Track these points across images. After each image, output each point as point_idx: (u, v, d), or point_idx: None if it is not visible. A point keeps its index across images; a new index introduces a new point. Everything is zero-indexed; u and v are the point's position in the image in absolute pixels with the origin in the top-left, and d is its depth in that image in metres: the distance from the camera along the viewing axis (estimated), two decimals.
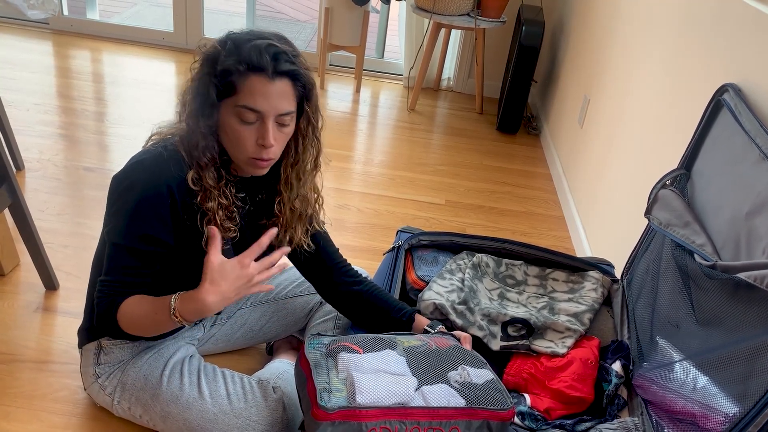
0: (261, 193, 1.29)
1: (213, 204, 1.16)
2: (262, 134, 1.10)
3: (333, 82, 3.67)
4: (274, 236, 1.15)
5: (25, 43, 3.50)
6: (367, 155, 2.88)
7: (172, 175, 1.12)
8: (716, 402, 1.03)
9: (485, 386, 1.06)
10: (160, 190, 1.11)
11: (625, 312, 1.48)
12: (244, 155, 1.13)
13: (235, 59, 1.06)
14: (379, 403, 0.98)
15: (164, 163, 1.12)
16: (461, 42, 3.68)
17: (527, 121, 3.43)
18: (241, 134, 1.10)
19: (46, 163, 2.37)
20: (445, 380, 1.05)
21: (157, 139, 1.18)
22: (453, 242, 1.65)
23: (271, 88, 1.08)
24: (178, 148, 1.14)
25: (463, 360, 1.12)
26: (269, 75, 1.07)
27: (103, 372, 1.31)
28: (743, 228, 1.11)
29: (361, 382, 1.00)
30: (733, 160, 1.22)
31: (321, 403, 0.98)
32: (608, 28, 2.41)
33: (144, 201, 1.10)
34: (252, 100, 1.07)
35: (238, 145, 1.12)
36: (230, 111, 1.10)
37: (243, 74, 1.07)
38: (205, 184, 1.14)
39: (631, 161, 1.92)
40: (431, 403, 1.00)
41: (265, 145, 1.11)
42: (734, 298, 1.07)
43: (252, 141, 1.11)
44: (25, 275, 1.78)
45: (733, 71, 1.36)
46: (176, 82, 3.33)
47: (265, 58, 1.07)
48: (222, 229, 1.17)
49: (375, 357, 1.07)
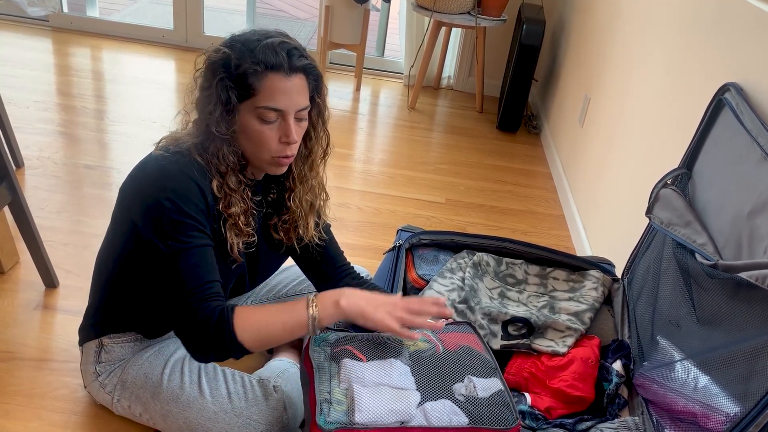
0: (272, 192, 1.30)
1: (236, 209, 1.16)
2: (285, 132, 1.11)
3: (333, 81, 3.66)
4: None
5: (25, 41, 3.50)
6: (367, 154, 2.87)
7: (199, 180, 1.11)
8: (717, 402, 1.03)
9: (491, 401, 1.03)
10: (194, 189, 1.09)
11: (625, 311, 1.48)
12: (267, 155, 1.13)
13: (251, 60, 1.06)
14: (378, 423, 0.96)
15: (188, 168, 1.10)
16: (462, 40, 3.68)
17: (527, 120, 3.42)
18: (264, 134, 1.10)
19: (46, 160, 2.37)
20: (450, 394, 1.03)
21: (166, 144, 1.16)
22: (454, 241, 1.65)
23: (289, 84, 1.08)
24: (193, 154, 1.13)
25: (471, 368, 1.09)
26: (286, 72, 1.08)
27: (104, 370, 1.31)
28: (745, 228, 1.11)
29: (362, 398, 0.98)
30: (735, 159, 1.22)
31: (319, 420, 0.96)
32: (609, 27, 2.41)
33: (179, 200, 1.08)
34: (272, 100, 1.08)
35: (262, 145, 1.12)
36: (250, 113, 1.10)
37: (261, 74, 1.07)
38: (227, 191, 1.14)
39: (632, 160, 1.92)
40: (432, 422, 0.98)
41: (289, 142, 1.12)
42: (735, 297, 1.07)
43: (275, 140, 1.12)
44: (25, 273, 1.78)
45: (734, 70, 1.36)
46: (176, 79, 3.32)
47: (281, 56, 1.07)
48: (243, 234, 1.18)
49: (378, 367, 1.05)
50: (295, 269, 1.56)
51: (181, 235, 1.08)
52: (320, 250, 1.36)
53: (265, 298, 1.52)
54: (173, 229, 1.07)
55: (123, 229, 1.18)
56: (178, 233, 1.07)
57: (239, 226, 1.17)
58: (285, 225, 1.31)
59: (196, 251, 1.09)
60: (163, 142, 1.17)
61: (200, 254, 1.09)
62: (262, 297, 1.52)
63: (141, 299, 1.25)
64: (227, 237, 1.16)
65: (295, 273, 1.55)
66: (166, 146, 1.15)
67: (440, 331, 1.19)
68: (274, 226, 1.31)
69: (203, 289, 1.08)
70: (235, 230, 1.17)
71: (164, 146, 1.15)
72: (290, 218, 1.30)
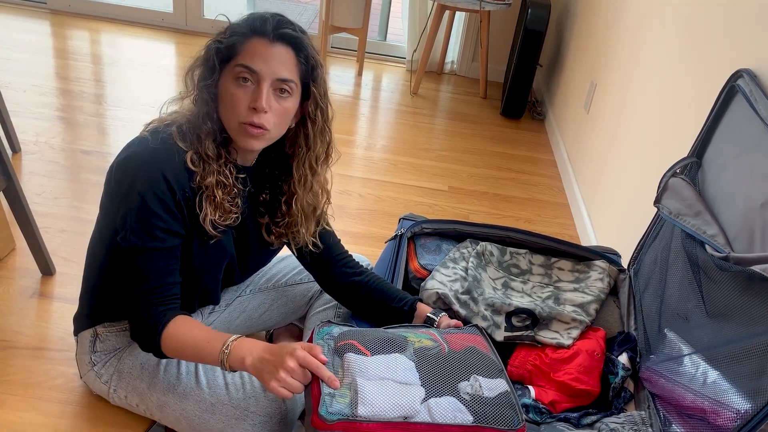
0: (265, 192, 1.27)
1: (212, 180, 1.12)
2: (255, 97, 1.08)
3: (335, 65, 3.62)
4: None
5: (22, 23, 3.45)
6: (369, 140, 2.84)
7: (167, 164, 1.09)
8: (727, 398, 1.01)
9: (497, 401, 1.00)
10: (160, 185, 1.08)
11: (632, 303, 1.45)
12: (236, 121, 1.10)
13: (239, 26, 1.10)
14: (381, 417, 0.94)
15: (157, 153, 1.09)
16: (465, 25, 3.62)
17: (532, 106, 3.38)
18: (235, 96, 1.08)
19: (43, 145, 2.33)
20: (455, 392, 1.01)
21: (154, 127, 1.14)
22: (457, 230, 1.62)
23: (270, 50, 1.08)
24: (173, 134, 1.11)
25: (476, 368, 1.06)
26: (270, 38, 1.08)
27: (99, 360, 1.28)
28: (758, 219, 1.08)
29: (365, 391, 0.96)
30: (748, 148, 1.18)
31: (321, 411, 0.94)
32: (616, 12, 2.36)
33: (148, 198, 1.08)
34: (250, 60, 1.07)
35: (232, 109, 1.09)
36: (229, 74, 1.09)
37: (245, 36, 1.08)
38: (204, 158, 1.12)
39: (640, 148, 1.88)
40: (437, 418, 0.95)
41: (256, 108, 1.08)
42: (747, 291, 1.04)
43: (245, 104, 1.09)
44: (21, 260, 1.75)
45: (748, 56, 1.32)
46: (175, 63, 3.28)
47: (268, 23, 1.09)
48: (222, 209, 1.15)
49: (382, 361, 1.02)
50: (293, 258, 1.53)
51: (142, 231, 1.09)
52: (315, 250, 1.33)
53: (265, 288, 1.50)
54: (136, 223, 1.09)
55: (109, 217, 1.16)
56: (140, 229, 1.09)
57: (216, 201, 1.14)
58: (279, 228, 1.28)
59: (151, 252, 1.10)
60: (152, 124, 1.15)
61: (155, 255, 1.11)
62: (261, 286, 1.50)
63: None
64: (204, 209, 1.13)
65: (294, 262, 1.53)
66: (154, 128, 1.13)
67: (445, 332, 1.17)
68: (266, 226, 1.28)
69: (153, 292, 1.11)
70: (211, 203, 1.14)
71: (152, 129, 1.13)
72: (286, 222, 1.26)
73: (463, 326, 1.25)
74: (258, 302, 1.49)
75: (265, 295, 1.49)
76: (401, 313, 1.30)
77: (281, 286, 1.50)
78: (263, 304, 1.49)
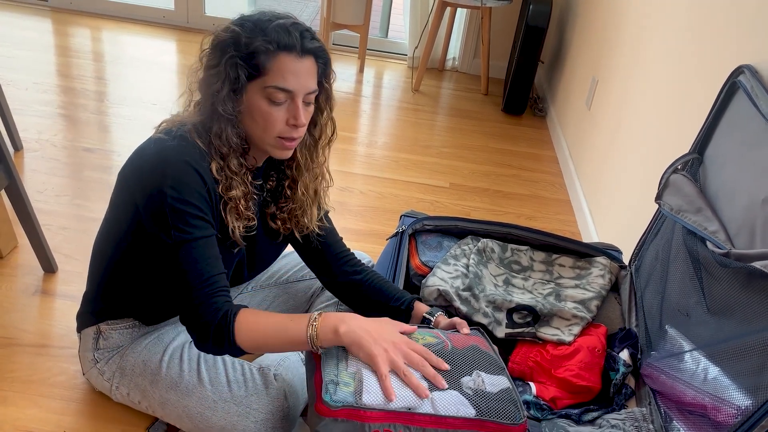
0: (271, 180, 1.27)
1: (236, 193, 1.13)
2: (293, 114, 1.09)
3: (336, 62, 3.61)
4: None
5: (24, 21, 3.45)
6: (370, 137, 2.84)
7: (191, 157, 1.08)
8: (728, 394, 1.01)
9: (499, 396, 1.01)
10: (195, 177, 1.07)
11: (633, 299, 1.45)
12: (271, 137, 1.11)
13: (263, 39, 1.04)
14: (385, 406, 0.95)
15: (187, 154, 1.07)
16: (467, 21, 3.62)
17: (533, 103, 3.37)
18: (271, 115, 1.08)
19: (45, 143, 2.34)
20: (458, 386, 1.01)
21: (166, 127, 1.13)
22: (458, 227, 1.62)
23: (300, 66, 1.07)
24: (192, 137, 1.10)
25: (479, 365, 1.06)
26: (299, 53, 1.06)
27: (102, 357, 1.29)
28: (759, 215, 1.08)
29: (370, 380, 0.97)
30: (749, 144, 1.18)
31: (325, 397, 0.95)
32: (617, 8, 2.36)
33: (185, 190, 1.06)
34: (282, 80, 1.06)
35: (268, 127, 1.09)
36: (258, 93, 1.07)
37: (272, 54, 1.05)
38: (228, 173, 1.12)
39: (641, 144, 1.88)
40: (440, 410, 0.96)
41: (297, 125, 1.10)
42: (748, 287, 1.04)
43: (282, 121, 1.09)
44: (23, 258, 1.76)
45: (749, 52, 1.31)
46: (177, 60, 3.28)
47: (294, 36, 1.06)
48: (243, 217, 1.16)
49: None
50: (295, 255, 1.54)
51: (185, 225, 1.06)
52: (321, 239, 1.33)
53: (267, 285, 1.50)
54: (176, 218, 1.05)
55: (124, 215, 1.15)
56: (181, 222, 1.06)
57: (239, 210, 1.15)
58: (283, 214, 1.28)
59: (198, 243, 1.07)
60: (163, 125, 1.15)
61: (203, 246, 1.07)
62: (263, 283, 1.50)
63: (140, 285, 1.23)
64: (227, 221, 1.14)
65: (296, 259, 1.53)
66: (167, 129, 1.12)
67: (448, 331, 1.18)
68: (271, 215, 1.28)
69: (207, 284, 1.06)
70: (235, 214, 1.15)
71: (164, 129, 1.13)
72: (291, 207, 1.27)
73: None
74: (260, 299, 1.49)
75: (266, 292, 1.50)
76: (398, 312, 1.30)
77: (283, 283, 1.51)
78: (265, 301, 1.49)
